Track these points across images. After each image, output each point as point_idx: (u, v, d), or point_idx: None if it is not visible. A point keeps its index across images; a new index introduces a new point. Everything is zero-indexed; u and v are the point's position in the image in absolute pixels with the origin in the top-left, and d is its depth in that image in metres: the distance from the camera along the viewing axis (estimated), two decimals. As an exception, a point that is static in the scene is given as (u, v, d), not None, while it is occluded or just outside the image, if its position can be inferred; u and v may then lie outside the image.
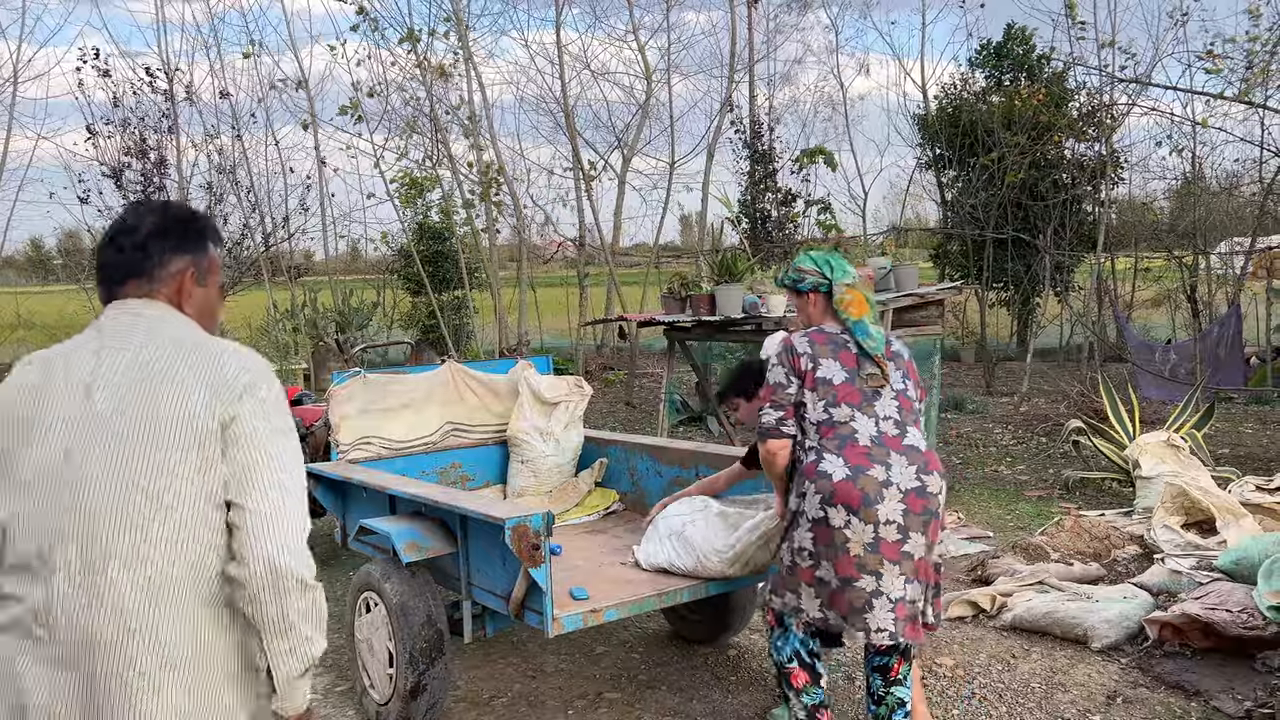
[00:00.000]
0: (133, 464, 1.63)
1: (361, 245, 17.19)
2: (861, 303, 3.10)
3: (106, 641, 1.60)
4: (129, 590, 1.61)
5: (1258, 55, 7.58)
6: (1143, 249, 13.09)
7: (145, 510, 1.62)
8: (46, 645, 1.61)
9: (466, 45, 12.08)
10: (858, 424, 2.98)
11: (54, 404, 1.67)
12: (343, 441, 4.55)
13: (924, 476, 2.95)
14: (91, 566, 1.61)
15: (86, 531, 1.61)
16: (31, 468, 1.65)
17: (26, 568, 1.63)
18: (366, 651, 3.70)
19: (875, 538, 2.90)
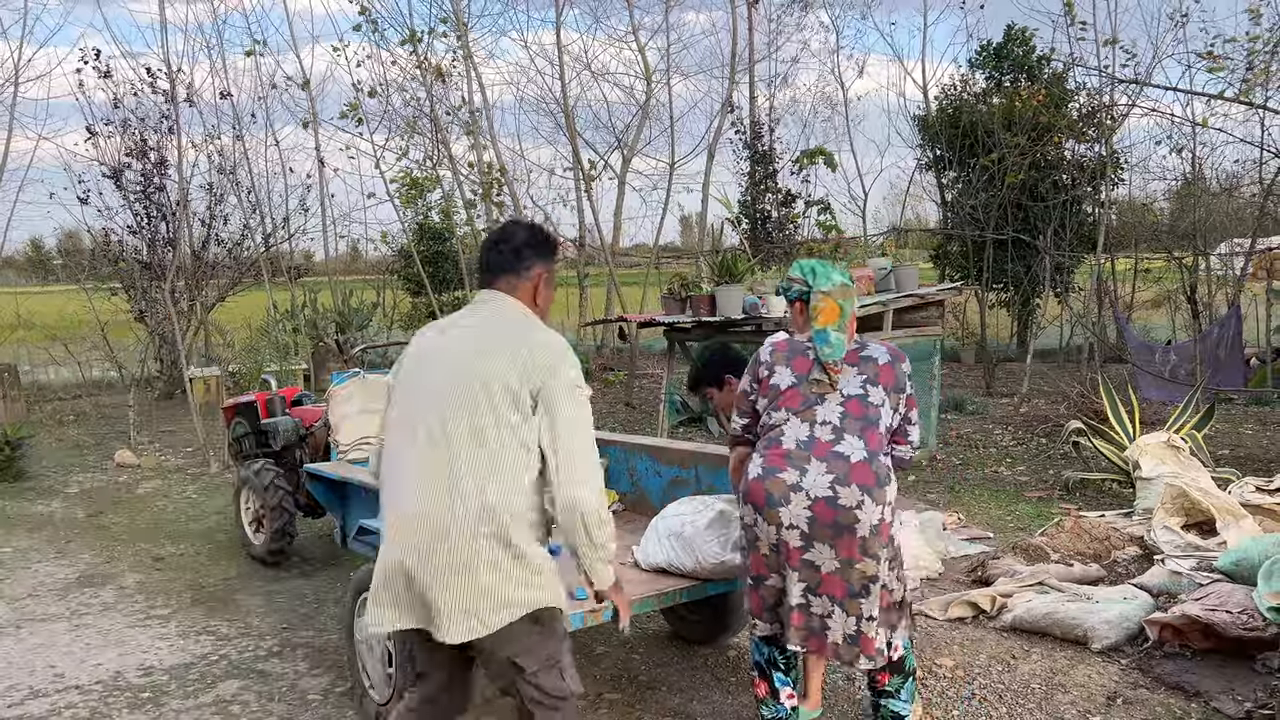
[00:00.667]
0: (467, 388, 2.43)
1: (362, 246, 17.21)
2: (830, 311, 3.11)
3: (450, 502, 2.37)
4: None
5: (1258, 55, 7.58)
6: (1143, 250, 13.09)
7: (472, 409, 2.40)
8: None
9: (467, 45, 12.10)
10: (788, 428, 3.01)
11: (437, 347, 2.54)
12: (342, 442, 4.56)
13: (839, 487, 2.86)
14: (433, 436, 2.42)
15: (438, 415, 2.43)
16: (417, 384, 2.52)
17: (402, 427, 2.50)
18: (366, 652, 3.70)
19: (778, 540, 2.93)
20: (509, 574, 2.40)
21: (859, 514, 2.86)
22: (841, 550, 2.88)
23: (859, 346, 3.13)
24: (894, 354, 3.14)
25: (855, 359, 3.09)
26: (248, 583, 5.60)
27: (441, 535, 2.37)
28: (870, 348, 3.13)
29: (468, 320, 2.58)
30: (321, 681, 4.19)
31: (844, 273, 3.23)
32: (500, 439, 2.38)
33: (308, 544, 6.25)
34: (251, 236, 14.12)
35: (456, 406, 2.40)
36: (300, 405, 6.29)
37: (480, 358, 2.43)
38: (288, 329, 12.65)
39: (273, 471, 5.73)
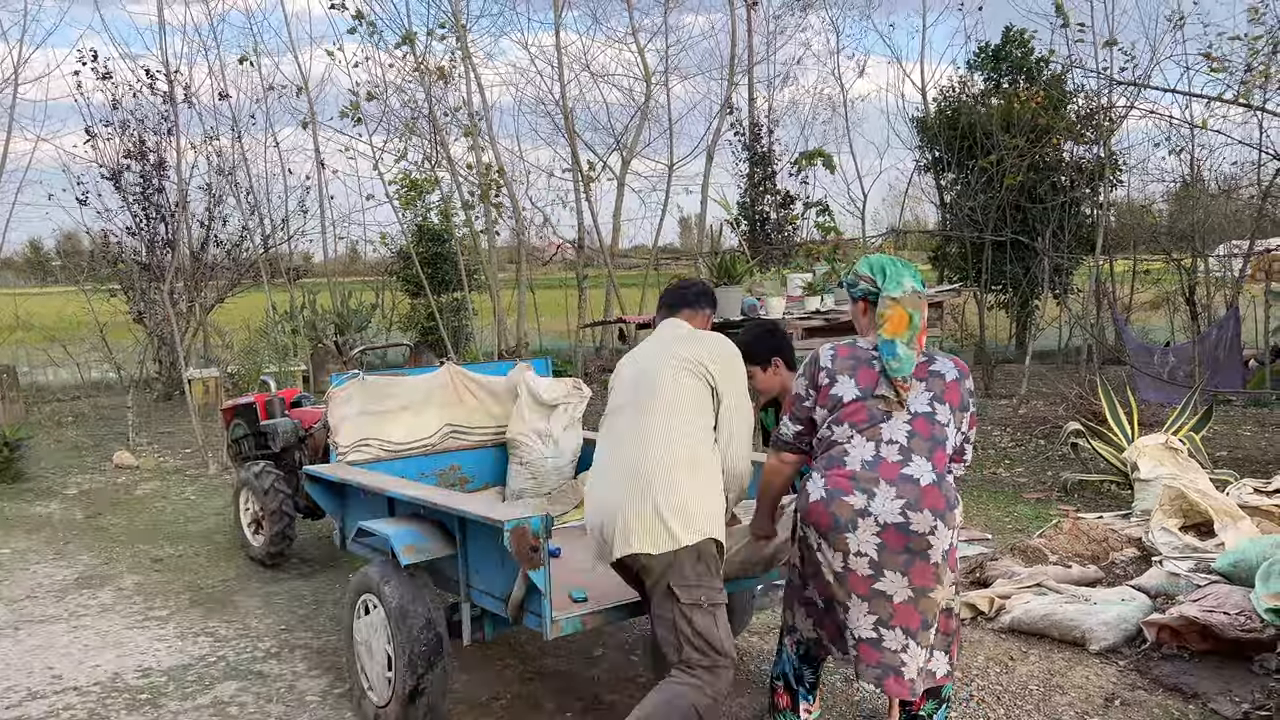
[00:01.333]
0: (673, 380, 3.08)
1: (361, 247, 17.22)
2: (899, 320, 2.87)
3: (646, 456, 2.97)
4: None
5: (1257, 57, 7.59)
6: (1141, 251, 13.10)
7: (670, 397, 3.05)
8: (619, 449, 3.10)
9: (465, 47, 12.10)
10: (852, 446, 2.82)
11: (643, 353, 3.28)
12: (341, 443, 4.55)
13: (910, 512, 2.69)
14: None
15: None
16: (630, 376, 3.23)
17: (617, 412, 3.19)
18: (365, 654, 3.70)
19: (844, 568, 2.76)
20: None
21: (932, 540, 2.70)
22: (915, 578, 2.71)
23: (927, 359, 2.92)
24: (961, 370, 2.95)
25: (924, 373, 2.88)
26: (246, 584, 5.60)
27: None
28: (939, 362, 2.93)
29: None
30: (320, 683, 4.19)
31: (916, 274, 2.99)
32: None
33: (307, 545, 6.25)
34: (250, 238, 14.12)
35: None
36: (299, 407, 6.28)
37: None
38: (286, 330, 12.65)
39: (273, 474, 5.73)
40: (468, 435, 4.95)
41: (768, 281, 8.27)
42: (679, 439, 2.99)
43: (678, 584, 2.90)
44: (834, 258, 9.11)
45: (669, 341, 3.24)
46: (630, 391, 3.18)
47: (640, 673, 4.17)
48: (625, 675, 4.16)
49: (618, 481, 3.01)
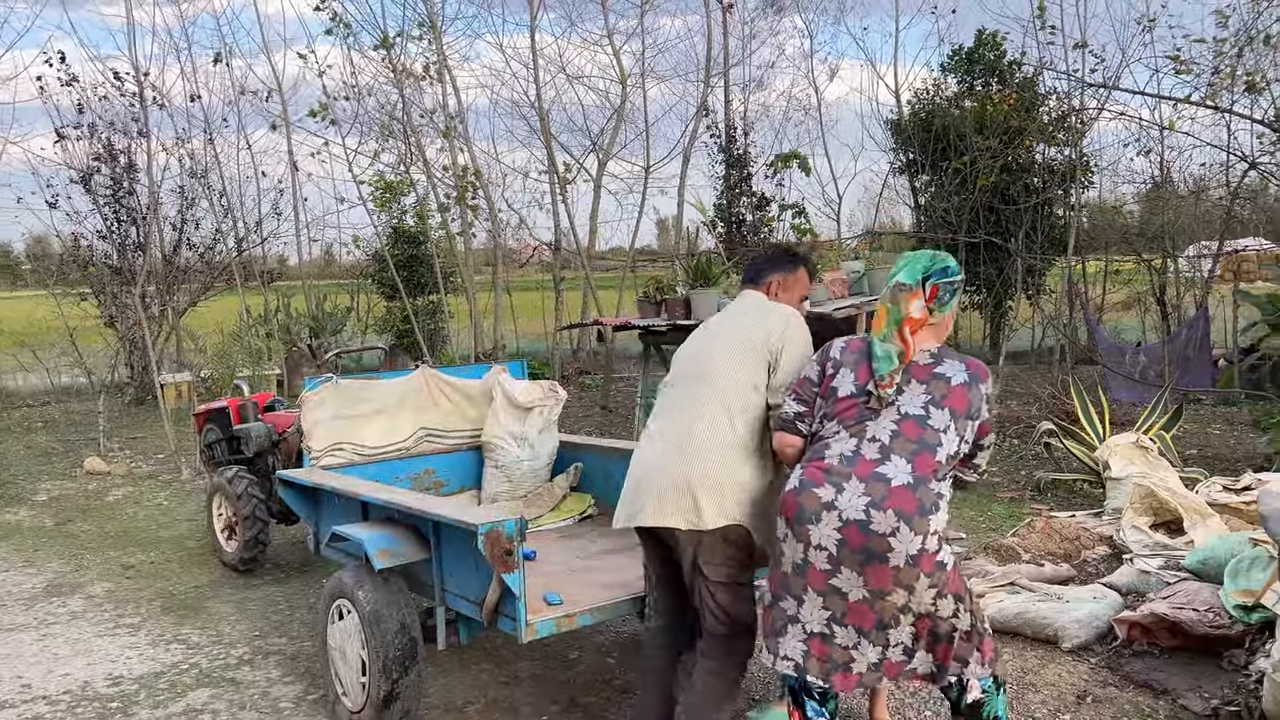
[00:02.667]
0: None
1: (336, 250, 17.13)
2: (879, 317, 2.86)
3: (692, 432, 3.02)
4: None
5: (1224, 59, 7.69)
6: (1113, 252, 13.23)
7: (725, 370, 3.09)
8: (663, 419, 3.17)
9: (441, 48, 12.06)
10: (835, 441, 2.79)
11: (711, 327, 3.30)
12: (315, 448, 4.52)
13: (874, 511, 2.62)
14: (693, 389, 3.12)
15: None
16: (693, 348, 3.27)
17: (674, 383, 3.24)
18: (339, 659, 3.67)
19: (804, 559, 2.72)
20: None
21: (892, 542, 2.61)
22: (871, 579, 2.64)
23: (934, 360, 2.83)
24: (974, 374, 2.81)
25: (926, 375, 2.80)
26: (219, 590, 5.55)
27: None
28: (947, 364, 2.83)
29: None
30: (294, 689, 4.15)
31: (916, 270, 2.88)
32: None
33: (281, 550, 6.20)
34: (223, 240, 14.00)
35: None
36: (273, 411, 6.23)
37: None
38: (260, 334, 12.55)
39: (246, 479, 5.68)
40: (442, 439, 4.93)
41: (743, 283, 8.28)
42: (727, 417, 3.01)
43: (705, 561, 2.99)
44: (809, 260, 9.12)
45: (734, 315, 3.26)
46: (690, 362, 3.21)
47: (616, 675, 4.17)
48: (602, 678, 4.15)
49: (661, 451, 3.06)
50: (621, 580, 3.67)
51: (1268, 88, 8.09)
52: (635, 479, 3.15)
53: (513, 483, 4.79)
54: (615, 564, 3.92)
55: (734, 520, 2.96)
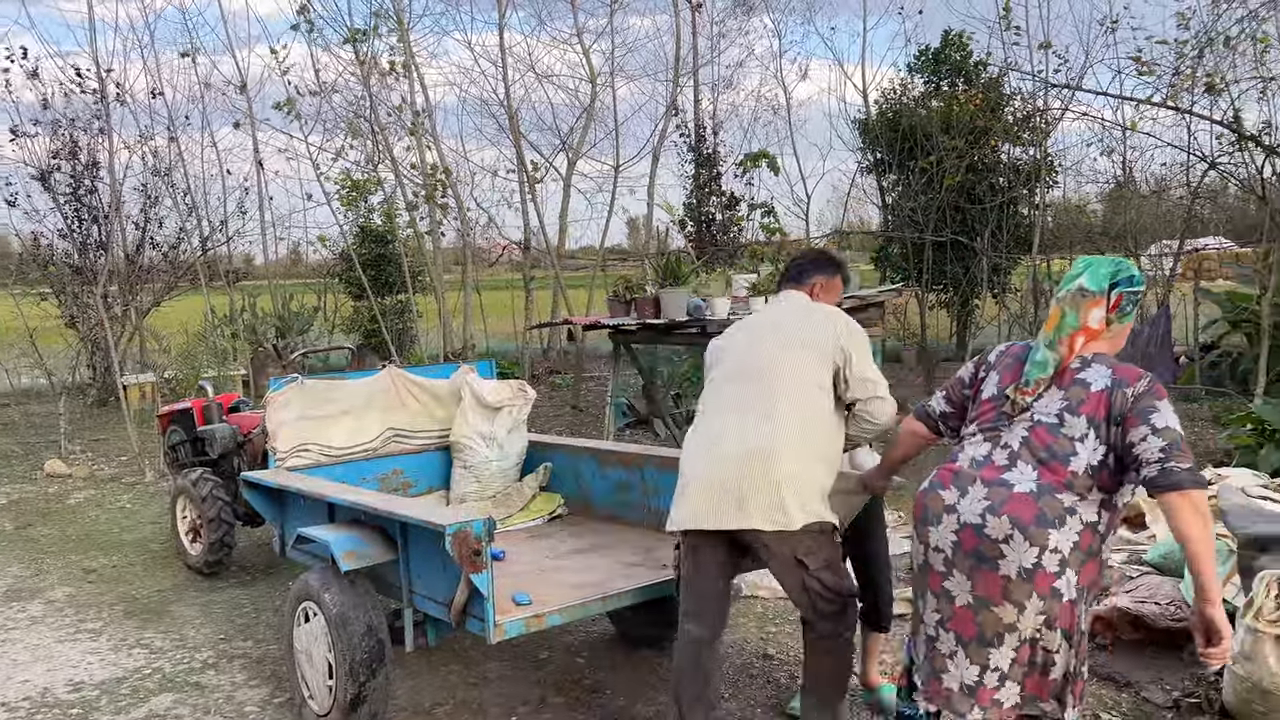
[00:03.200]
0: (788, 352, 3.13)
1: (303, 249, 16.97)
2: (1050, 321, 2.74)
3: (766, 422, 3.02)
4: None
5: (1185, 61, 7.80)
6: (1077, 251, 13.38)
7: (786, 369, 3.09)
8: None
9: (408, 45, 11.97)
10: (969, 445, 2.76)
11: (758, 324, 3.32)
12: (280, 449, 4.48)
13: (989, 515, 2.54)
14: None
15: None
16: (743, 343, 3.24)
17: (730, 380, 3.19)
18: (305, 662, 3.64)
19: (924, 560, 2.72)
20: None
21: (1004, 549, 2.50)
22: (978, 585, 2.56)
23: (1080, 366, 2.67)
24: (1120, 378, 2.59)
25: (1068, 381, 2.66)
26: (183, 594, 5.48)
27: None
28: (1091, 369, 2.65)
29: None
30: (260, 693, 4.11)
31: (1102, 276, 2.69)
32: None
33: (247, 553, 6.13)
34: (188, 239, 13.82)
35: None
36: (238, 412, 6.16)
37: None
38: (226, 334, 12.40)
39: (211, 481, 5.61)
40: (410, 439, 4.90)
41: (713, 283, 8.29)
42: (798, 417, 3.02)
43: (806, 554, 3.00)
44: (778, 258, 9.16)
45: (784, 314, 3.27)
46: (742, 360, 3.16)
47: (586, 675, 4.16)
48: (571, 678, 4.14)
49: (732, 453, 3.00)
50: (591, 580, 3.66)
51: (1227, 89, 8.23)
52: (703, 480, 3.04)
53: (481, 483, 4.77)
54: (585, 564, 3.91)
55: (818, 517, 2.99)
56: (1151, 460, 2.45)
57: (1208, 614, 2.40)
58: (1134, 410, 2.52)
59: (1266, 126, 8.27)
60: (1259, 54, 7.92)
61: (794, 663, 4.17)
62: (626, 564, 3.84)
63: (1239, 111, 8.13)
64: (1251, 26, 7.11)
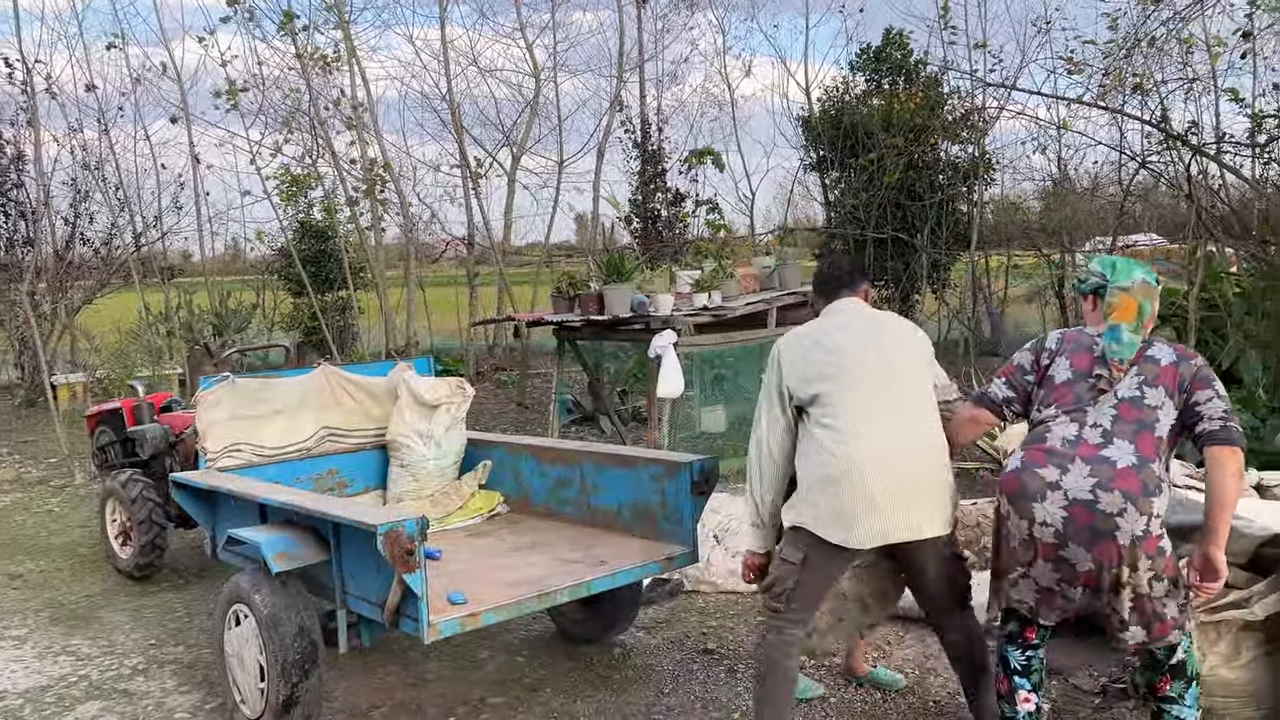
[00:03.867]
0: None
1: (242, 245, 16.63)
2: (1126, 308, 2.98)
3: (918, 428, 3.11)
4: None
5: (1113, 61, 7.98)
6: (1014, 247, 13.64)
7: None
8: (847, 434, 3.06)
9: (349, 37, 11.79)
10: (1055, 426, 2.92)
11: (854, 330, 3.22)
12: (210, 449, 4.38)
13: (1100, 491, 2.75)
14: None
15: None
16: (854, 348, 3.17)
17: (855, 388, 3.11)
18: (237, 666, 3.57)
19: (1029, 535, 2.85)
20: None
21: (1120, 521, 2.72)
22: (1097, 554, 2.77)
23: (1145, 345, 2.98)
24: (1180, 354, 2.96)
25: (1138, 359, 2.95)
26: (113, 599, 5.34)
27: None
28: (1155, 347, 2.98)
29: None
30: (191, 699, 4.02)
31: (1148, 270, 3.10)
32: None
33: (180, 555, 5.99)
34: (120, 236, 13.47)
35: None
36: (170, 411, 6.02)
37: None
38: (161, 332, 12.11)
39: (141, 482, 5.47)
40: (346, 438, 4.83)
41: (657, 279, 8.29)
42: (934, 421, 3.14)
43: (957, 550, 3.24)
44: (721, 255, 9.19)
45: (873, 323, 3.27)
46: (859, 360, 3.12)
47: (526, 673, 4.14)
48: (511, 677, 4.11)
49: (905, 465, 3.01)
50: (529, 578, 3.63)
51: (1155, 89, 8.43)
52: (869, 492, 2.97)
53: (419, 482, 4.71)
54: (523, 562, 3.89)
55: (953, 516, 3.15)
56: (1215, 417, 2.84)
57: (1213, 555, 2.79)
58: (1198, 378, 2.90)
59: (1193, 126, 8.50)
60: (1184, 55, 8.14)
61: (734, 657, 4.20)
62: (565, 561, 3.83)
63: (1166, 111, 8.34)
64: (1177, 28, 7.29)
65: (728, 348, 8.00)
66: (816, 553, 3.04)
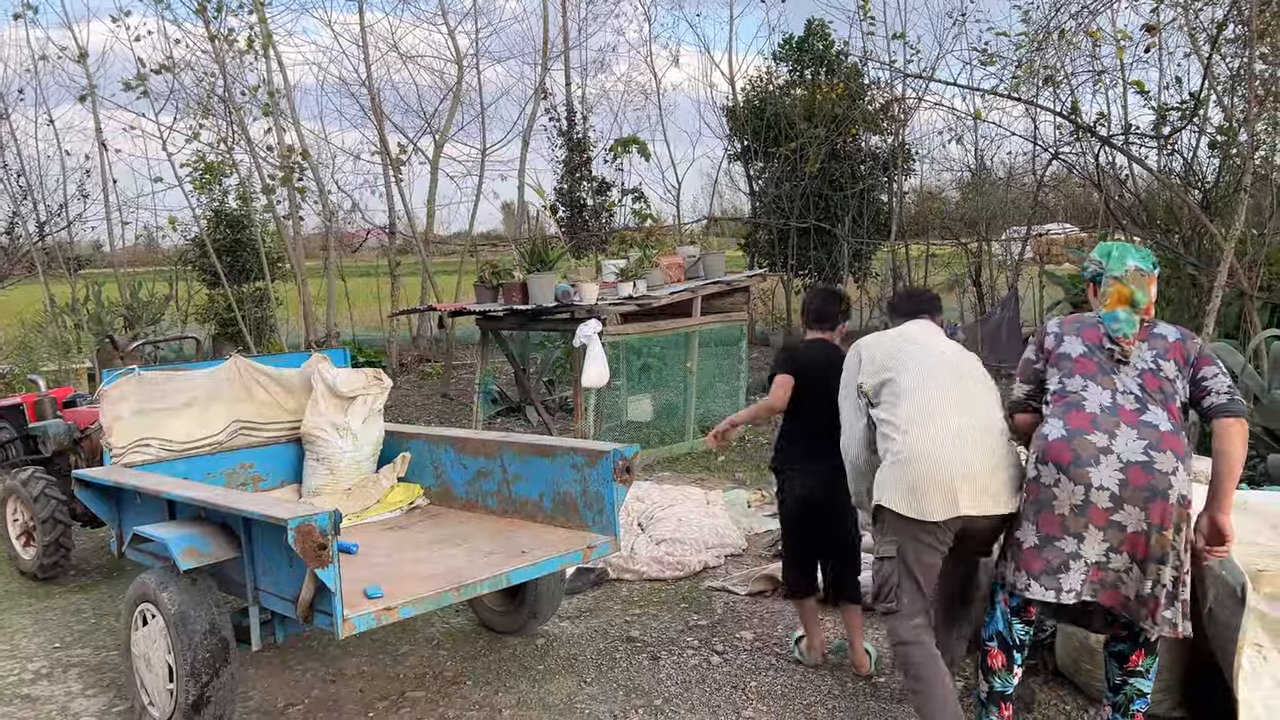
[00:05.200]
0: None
1: (156, 235, 16.09)
2: (1118, 295, 3.12)
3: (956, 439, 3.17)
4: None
5: (1025, 53, 8.17)
6: (933, 236, 13.92)
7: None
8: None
9: (264, 20, 11.47)
10: (1089, 393, 3.01)
11: (924, 340, 3.48)
12: (115, 445, 4.23)
13: (1153, 452, 2.87)
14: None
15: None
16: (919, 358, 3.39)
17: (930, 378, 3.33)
18: (144, 667, 3.46)
19: (1085, 500, 2.89)
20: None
21: (1172, 479, 2.85)
22: (1152, 514, 2.85)
23: (1150, 324, 3.12)
24: (1184, 333, 3.13)
25: (1146, 335, 3.09)
26: (15, 601, 5.14)
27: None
28: (1161, 326, 3.13)
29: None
30: (97, 702, 3.89)
31: (1144, 256, 3.20)
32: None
33: (89, 555, 5.80)
34: (23, 225, 12.93)
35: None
36: (74, 407, 5.80)
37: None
38: (68, 325, 11.67)
39: (43, 480, 5.27)
40: (259, 431, 4.71)
41: (583, 268, 8.26)
42: (999, 411, 3.29)
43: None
44: (647, 244, 9.20)
45: (943, 340, 3.52)
46: (929, 359, 3.36)
47: (448, 666, 4.09)
48: (432, 671, 4.06)
49: (966, 450, 3.14)
50: (448, 570, 3.59)
51: (1066, 81, 8.67)
52: (960, 475, 3.11)
53: (335, 475, 4.62)
54: (442, 554, 3.84)
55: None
56: (1222, 391, 2.99)
57: (1219, 521, 2.93)
58: (1202, 355, 3.06)
59: (1102, 118, 8.75)
60: (1093, 48, 8.38)
61: (656, 644, 4.21)
62: (484, 553, 3.79)
63: (1077, 103, 8.58)
64: (1085, 21, 7.49)
65: (654, 336, 8.02)
66: (903, 536, 3.17)
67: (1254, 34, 6.47)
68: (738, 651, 4.08)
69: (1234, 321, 7.33)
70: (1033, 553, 2.98)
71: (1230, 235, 6.35)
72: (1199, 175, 8.38)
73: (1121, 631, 3.07)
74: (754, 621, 4.41)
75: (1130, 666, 3.09)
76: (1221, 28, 7.12)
